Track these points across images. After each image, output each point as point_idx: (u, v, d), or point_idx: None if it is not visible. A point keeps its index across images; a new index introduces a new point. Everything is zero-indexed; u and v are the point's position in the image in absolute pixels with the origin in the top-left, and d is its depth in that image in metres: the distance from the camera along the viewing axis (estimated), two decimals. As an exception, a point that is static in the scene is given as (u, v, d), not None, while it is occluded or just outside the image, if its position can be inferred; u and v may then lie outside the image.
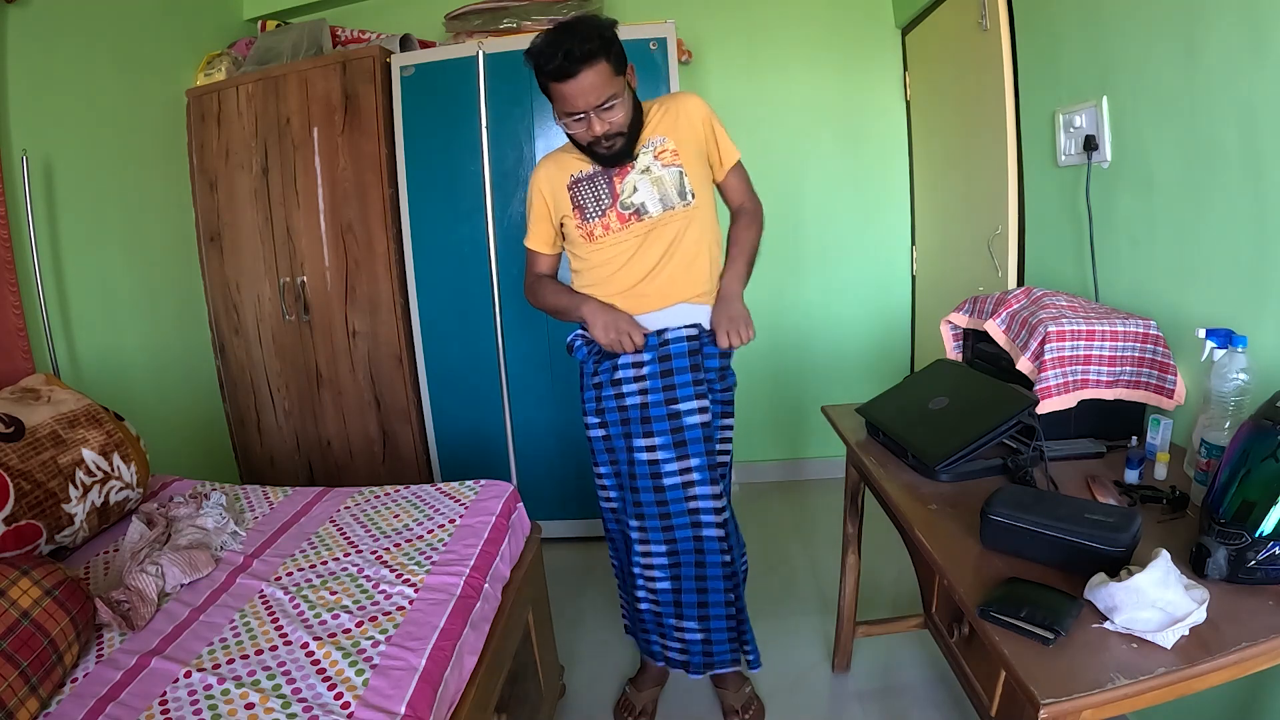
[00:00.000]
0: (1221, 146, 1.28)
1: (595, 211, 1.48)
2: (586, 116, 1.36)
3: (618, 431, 1.53)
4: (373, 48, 2.41)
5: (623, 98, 1.38)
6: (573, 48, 1.28)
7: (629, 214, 1.47)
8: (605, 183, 1.48)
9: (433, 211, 2.47)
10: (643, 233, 1.47)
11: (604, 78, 1.33)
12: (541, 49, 1.32)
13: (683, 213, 1.47)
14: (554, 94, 1.36)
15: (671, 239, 1.48)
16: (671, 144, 1.47)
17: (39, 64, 1.94)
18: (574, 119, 1.37)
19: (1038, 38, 1.89)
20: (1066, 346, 1.35)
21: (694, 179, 1.48)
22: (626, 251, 1.49)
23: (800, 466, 3.20)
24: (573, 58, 1.29)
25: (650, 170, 1.46)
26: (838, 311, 3.05)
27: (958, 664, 1.34)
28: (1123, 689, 0.77)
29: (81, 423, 1.53)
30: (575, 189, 1.50)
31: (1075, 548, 0.96)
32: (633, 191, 1.46)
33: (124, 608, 1.20)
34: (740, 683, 1.77)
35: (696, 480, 1.48)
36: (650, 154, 1.47)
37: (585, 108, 1.34)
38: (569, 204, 1.50)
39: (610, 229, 1.48)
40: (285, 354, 2.62)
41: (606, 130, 1.37)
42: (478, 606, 1.27)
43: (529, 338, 2.51)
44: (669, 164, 1.47)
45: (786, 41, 2.87)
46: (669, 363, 1.48)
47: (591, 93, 1.33)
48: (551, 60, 1.30)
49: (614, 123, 1.38)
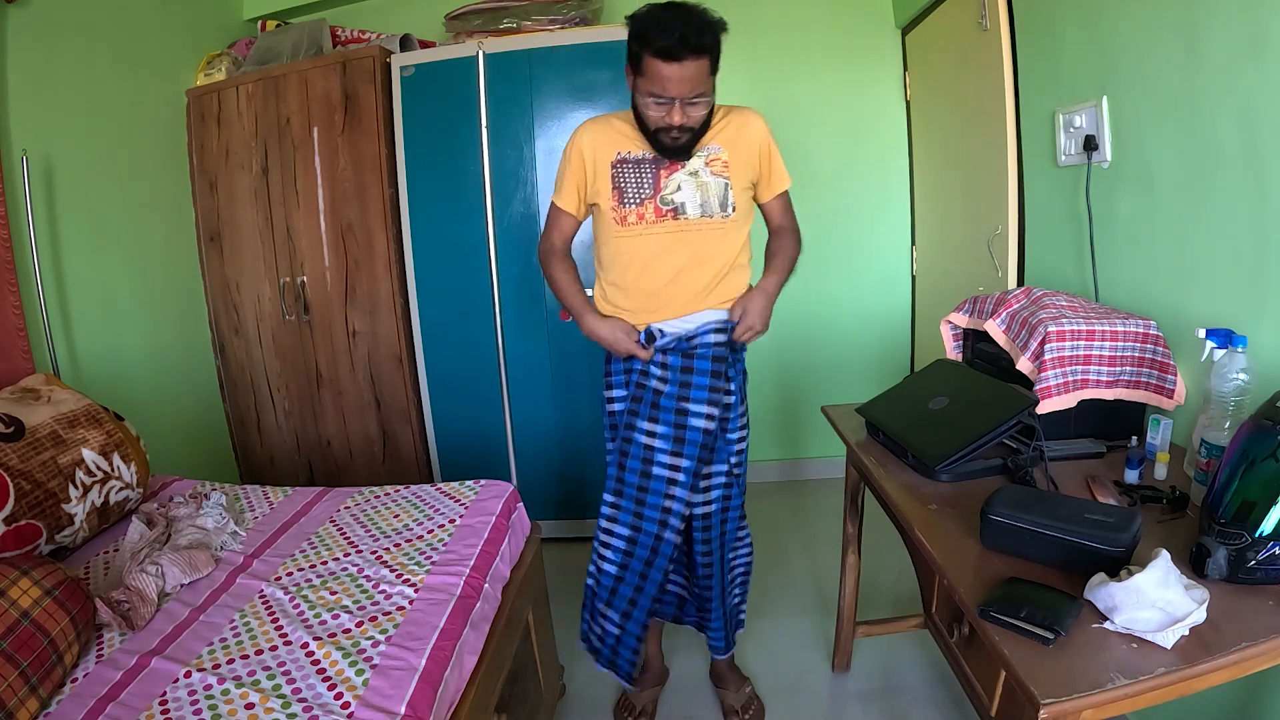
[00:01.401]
0: (1221, 146, 1.28)
1: (634, 198, 1.45)
2: (672, 103, 1.33)
3: (627, 408, 1.53)
4: (373, 48, 2.41)
5: (709, 98, 1.37)
6: (689, 34, 1.26)
7: (667, 210, 1.44)
8: (651, 172, 1.45)
9: (433, 211, 2.47)
10: (675, 231, 1.45)
11: (703, 73, 1.32)
12: (657, 23, 1.28)
13: (719, 223, 1.46)
14: (649, 70, 1.32)
15: (701, 245, 1.46)
16: (725, 155, 1.45)
17: (39, 64, 1.94)
18: (658, 101, 1.34)
19: (1038, 38, 1.89)
20: (1066, 346, 1.35)
21: (737, 194, 1.47)
22: (653, 247, 1.46)
23: (800, 466, 3.20)
24: (687, 44, 1.26)
25: (698, 174, 1.44)
26: (838, 311, 3.05)
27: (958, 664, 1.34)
28: (1123, 689, 0.77)
29: (81, 423, 1.53)
30: (619, 169, 1.46)
31: (1075, 548, 0.96)
32: (676, 189, 1.44)
33: (124, 608, 1.20)
34: (740, 682, 1.77)
35: (681, 481, 1.48)
36: (703, 159, 1.45)
37: (676, 95, 1.32)
38: (609, 183, 1.47)
39: (644, 219, 1.45)
40: (285, 354, 2.62)
41: (684, 123, 1.35)
42: (478, 606, 1.27)
43: (529, 338, 2.51)
44: (718, 174, 1.45)
45: (786, 42, 2.87)
46: (690, 363, 1.48)
47: (688, 83, 1.31)
48: (667, 38, 1.26)
49: (694, 118, 1.36)
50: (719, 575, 1.59)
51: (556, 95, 2.38)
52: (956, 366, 1.58)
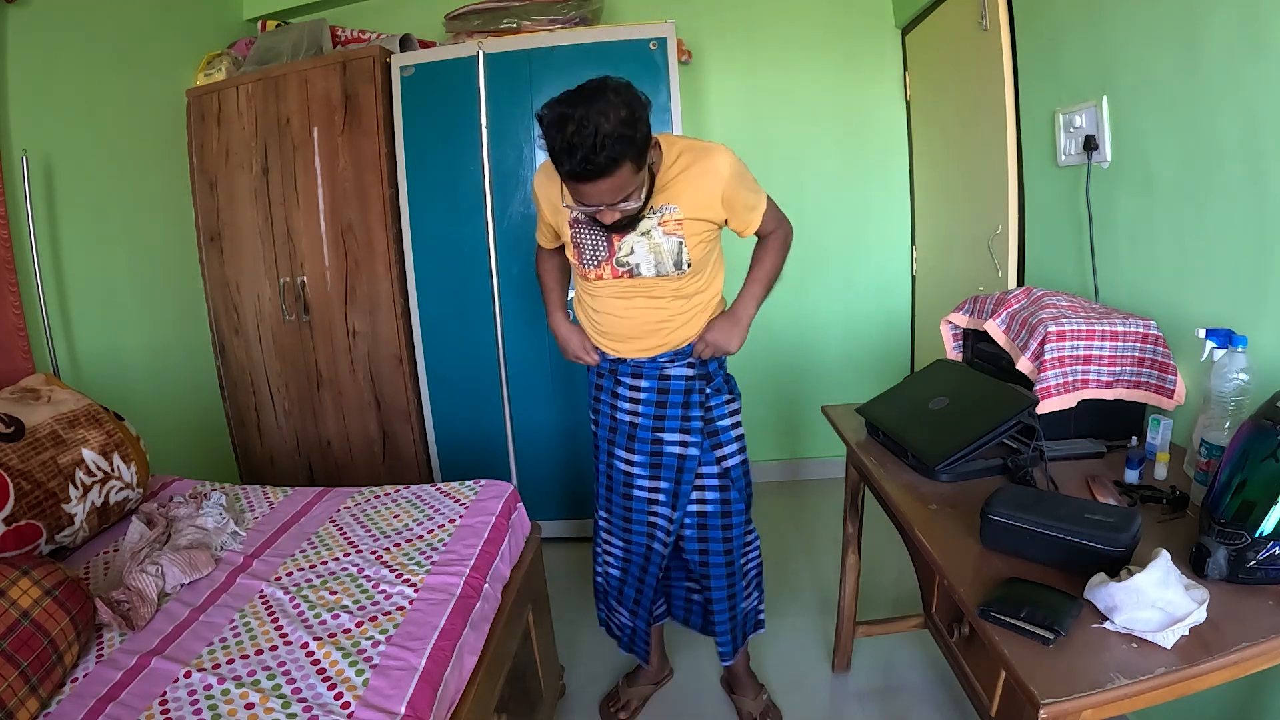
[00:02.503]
0: (1221, 146, 1.28)
1: (591, 259, 1.45)
2: (598, 208, 1.28)
3: (605, 436, 1.60)
4: (373, 48, 2.41)
5: (640, 189, 1.29)
6: (592, 158, 1.15)
7: (623, 271, 1.44)
8: (604, 235, 1.42)
9: (433, 211, 2.47)
10: (634, 288, 1.46)
11: (624, 178, 1.22)
12: (558, 144, 1.17)
13: (675, 279, 1.45)
14: (566, 182, 1.26)
15: (664, 298, 1.47)
16: (679, 213, 1.39)
17: (39, 64, 1.94)
18: (584, 206, 1.29)
19: (1038, 38, 1.89)
20: (1066, 346, 1.35)
21: (693, 250, 1.42)
22: (616, 300, 1.48)
23: (800, 466, 3.20)
24: (593, 166, 1.17)
25: (650, 235, 1.40)
26: (837, 311, 3.05)
27: (958, 664, 1.34)
28: (1123, 689, 0.77)
29: (81, 423, 1.53)
30: (576, 229, 1.45)
31: (1075, 548, 0.96)
32: (629, 252, 1.42)
33: (124, 608, 1.20)
34: (757, 689, 1.77)
35: (662, 500, 1.55)
36: (655, 220, 1.39)
37: (599, 203, 1.26)
38: (569, 238, 1.47)
39: (603, 277, 1.46)
40: (285, 354, 2.62)
41: (617, 219, 1.30)
42: (478, 606, 1.27)
43: (529, 338, 2.51)
44: (671, 233, 1.39)
45: (786, 41, 2.87)
46: (665, 395, 1.52)
47: (608, 194, 1.23)
48: (568, 162, 1.18)
49: (626, 210, 1.29)
50: (723, 579, 1.59)
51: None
52: (956, 366, 1.58)
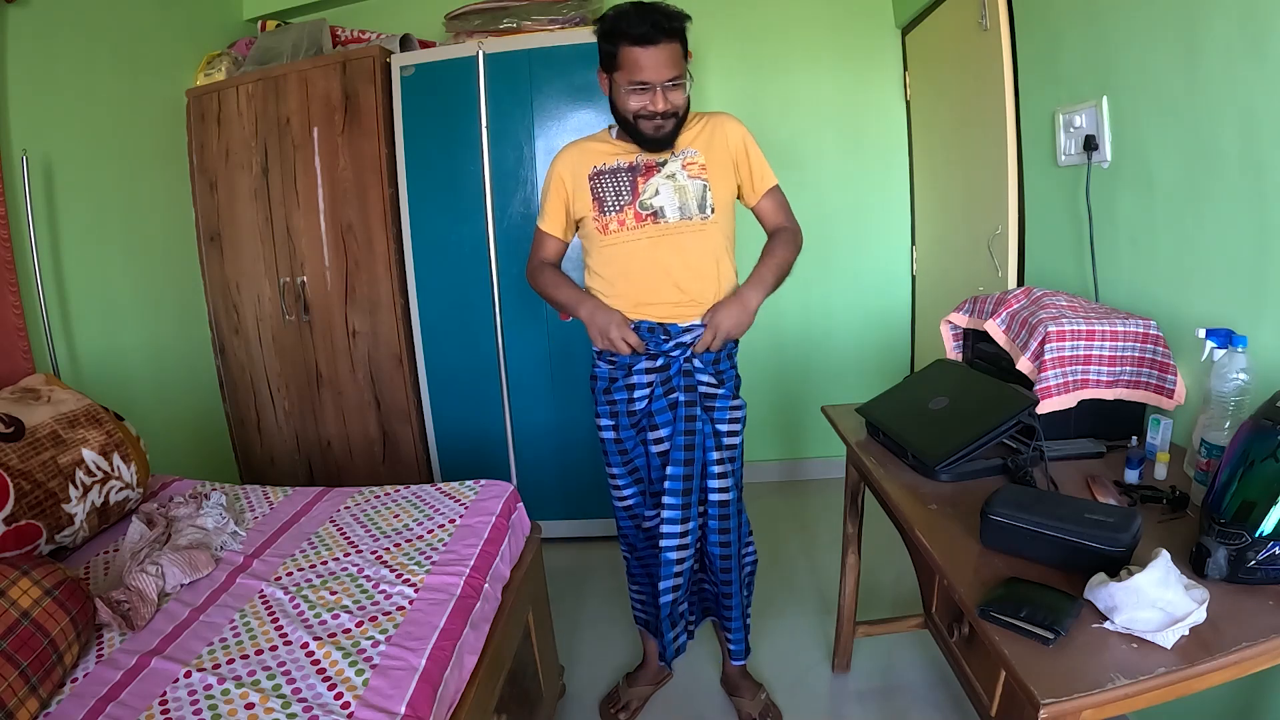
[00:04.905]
0: (1221, 147, 1.28)
1: (614, 206, 1.49)
2: (653, 89, 1.39)
3: (629, 435, 1.58)
4: (373, 48, 2.41)
5: (685, 82, 1.44)
6: (660, 20, 1.36)
7: (646, 215, 1.48)
8: (628, 180, 1.49)
9: (433, 211, 2.47)
10: (656, 235, 1.48)
11: (678, 56, 1.40)
12: (627, 18, 1.37)
13: (699, 224, 1.49)
14: (626, 60, 1.39)
15: (684, 248, 1.48)
16: (701, 158, 1.50)
17: (39, 64, 1.94)
18: (639, 89, 1.40)
19: (1038, 38, 1.89)
20: (1066, 346, 1.35)
21: (716, 195, 1.50)
22: (636, 251, 1.49)
23: (800, 466, 3.20)
24: (659, 28, 1.35)
25: (675, 178, 1.48)
26: (838, 311, 3.05)
27: (958, 664, 1.34)
28: (1123, 689, 0.77)
29: (81, 423, 1.53)
30: (597, 180, 1.51)
31: (1075, 548, 0.96)
32: (654, 194, 1.48)
33: (124, 608, 1.20)
34: (755, 689, 1.77)
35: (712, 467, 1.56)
36: (679, 163, 1.49)
37: (656, 80, 1.38)
38: (588, 195, 1.51)
39: (625, 225, 1.49)
40: (285, 354, 2.62)
41: (667, 109, 1.41)
42: (478, 606, 1.27)
43: (529, 338, 2.51)
44: (695, 176, 1.49)
45: (786, 41, 2.87)
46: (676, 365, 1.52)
47: (665, 66, 1.38)
48: (638, 25, 1.35)
49: (675, 103, 1.42)
50: (736, 570, 1.59)
51: (556, 95, 2.38)
52: (956, 366, 1.58)
